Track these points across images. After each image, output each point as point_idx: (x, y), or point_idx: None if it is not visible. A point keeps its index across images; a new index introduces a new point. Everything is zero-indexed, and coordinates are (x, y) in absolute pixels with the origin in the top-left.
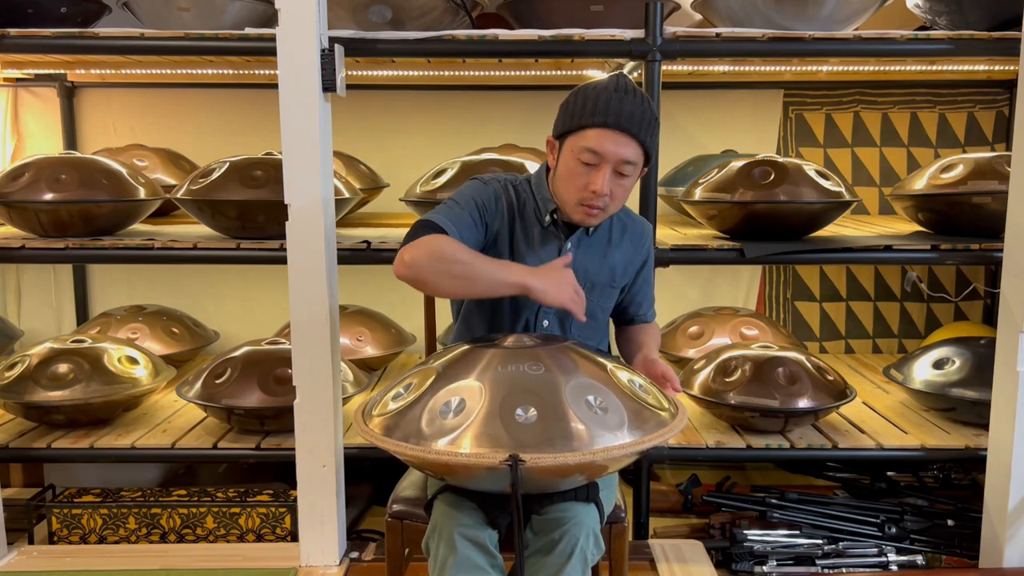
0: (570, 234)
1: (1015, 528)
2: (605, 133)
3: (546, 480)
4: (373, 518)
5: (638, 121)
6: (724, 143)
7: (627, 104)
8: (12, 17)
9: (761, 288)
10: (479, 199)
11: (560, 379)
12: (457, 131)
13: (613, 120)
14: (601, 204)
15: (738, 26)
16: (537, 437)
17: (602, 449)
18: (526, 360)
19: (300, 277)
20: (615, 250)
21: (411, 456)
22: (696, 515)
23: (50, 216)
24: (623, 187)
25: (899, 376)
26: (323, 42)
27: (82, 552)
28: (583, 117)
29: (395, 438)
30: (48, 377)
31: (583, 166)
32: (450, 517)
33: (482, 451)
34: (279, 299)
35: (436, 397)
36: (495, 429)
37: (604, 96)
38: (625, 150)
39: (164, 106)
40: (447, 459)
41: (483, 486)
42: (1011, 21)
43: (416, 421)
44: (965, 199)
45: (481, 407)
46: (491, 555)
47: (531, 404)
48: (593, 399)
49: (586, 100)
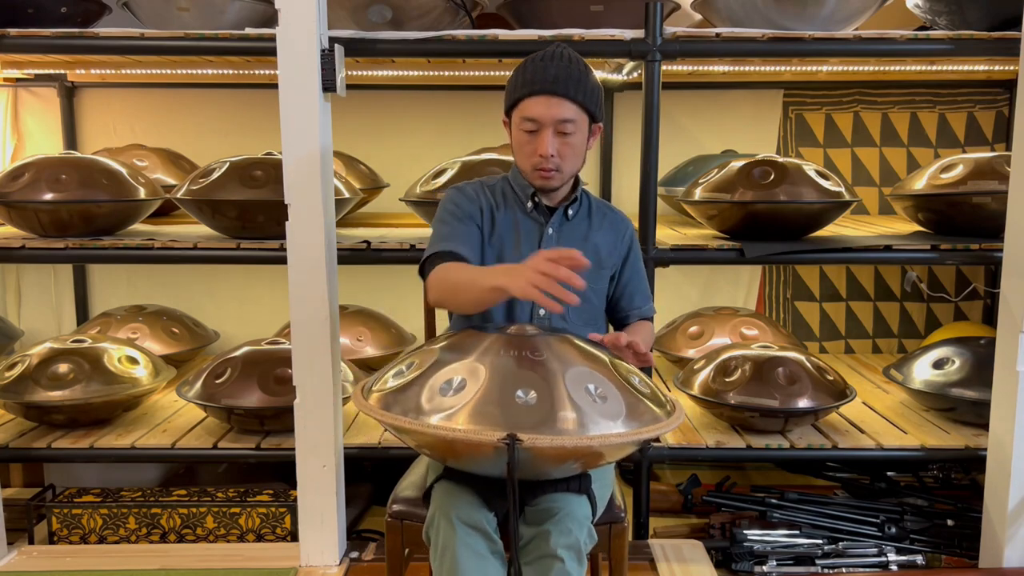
0: (550, 218)
1: (1015, 528)
2: (536, 100)
3: (542, 464)
4: (373, 518)
5: (564, 81)
6: (724, 143)
7: (551, 68)
8: (12, 17)
9: (761, 288)
10: (461, 203)
11: (561, 366)
12: (457, 131)
13: (539, 87)
14: (552, 165)
15: (738, 26)
16: (536, 419)
17: (600, 435)
18: (528, 347)
19: (300, 277)
20: (596, 233)
21: (409, 430)
22: (696, 515)
23: (50, 216)
24: (570, 145)
25: (899, 376)
26: (323, 42)
27: (82, 552)
28: (516, 91)
29: (393, 412)
30: (48, 377)
31: (527, 135)
32: (448, 504)
33: (480, 428)
34: (279, 299)
35: (437, 375)
36: (494, 408)
37: (531, 67)
38: (558, 110)
39: (164, 106)
40: (444, 434)
41: (480, 468)
42: (1011, 21)
43: (415, 397)
44: (965, 199)
45: (481, 387)
46: (491, 540)
47: (532, 387)
48: (593, 387)
49: (517, 75)
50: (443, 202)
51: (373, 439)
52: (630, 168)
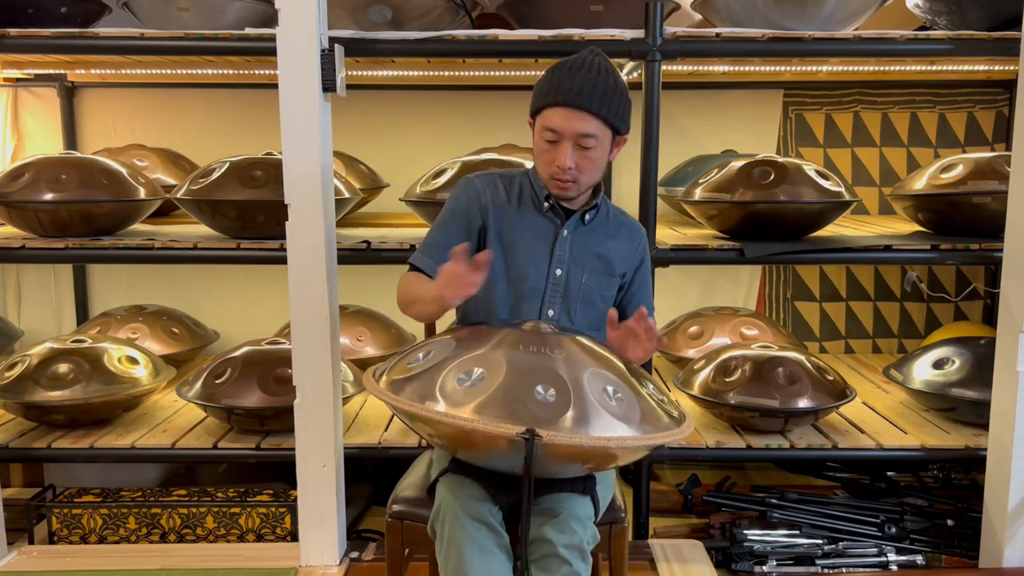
0: (567, 219)
1: (1015, 528)
2: (558, 111)
3: (555, 462)
4: (373, 518)
5: (588, 95)
6: (724, 143)
7: (577, 80)
8: (12, 17)
9: (761, 288)
10: (461, 202)
11: (580, 366)
12: (457, 131)
13: (563, 98)
14: (569, 177)
15: (738, 26)
16: (554, 416)
17: (618, 437)
18: (546, 344)
19: (300, 277)
20: (610, 241)
21: (426, 418)
22: (696, 515)
23: (50, 216)
24: (589, 159)
25: (899, 376)
26: (323, 42)
27: (82, 552)
28: (541, 98)
29: (407, 398)
30: (48, 377)
31: (547, 144)
32: (455, 497)
33: (499, 420)
34: (279, 299)
35: (454, 365)
36: (514, 402)
37: (558, 74)
38: (580, 124)
39: (164, 106)
40: (463, 423)
41: (492, 461)
42: (1011, 21)
43: (431, 386)
44: (965, 199)
45: (501, 380)
46: (497, 533)
47: (551, 385)
48: (611, 390)
49: (544, 80)
50: (451, 194)
51: (373, 439)
52: (630, 168)
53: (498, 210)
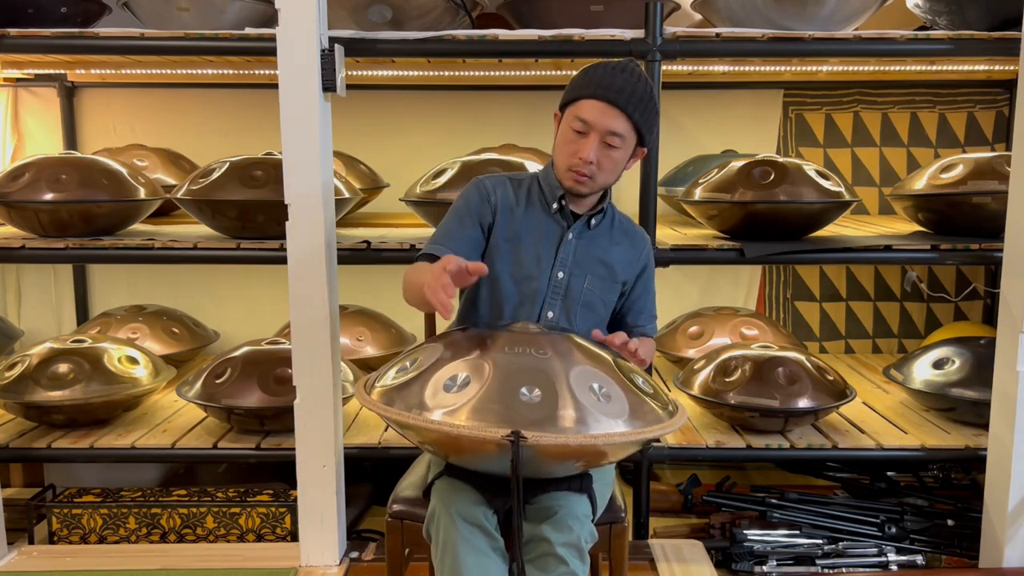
0: (574, 223)
1: (1015, 528)
2: (595, 104)
3: (545, 462)
4: (373, 518)
5: (627, 96)
6: (724, 143)
7: (619, 79)
8: (12, 17)
9: (761, 288)
10: (472, 201)
11: (565, 365)
12: (457, 131)
13: (602, 92)
14: (588, 172)
15: (738, 26)
16: (540, 417)
17: (604, 434)
18: (532, 345)
19: (300, 277)
20: (614, 247)
21: (412, 426)
22: (696, 515)
23: (50, 216)
24: (611, 159)
25: (899, 376)
26: (323, 42)
27: (82, 552)
28: (578, 89)
29: (397, 408)
30: (48, 377)
31: (575, 134)
32: (449, 501)
33: (484, 424)
34: (279, 299)
35: (440, 372)
36: (498, 405)
37: (600, 71)
38: (612, 122)
39: (164, 106)
40: (448, 430)
41: (483, 465)
42: (1011, 21)
43: (419, 393)
44: (965, 199)
45: (485, 384)
46: (492, 537)
47: (536, 385)
48: (597, 386)
49: (585, 74)
50: (461, 194)
51: (373, 439)
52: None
53: (506, 211)
